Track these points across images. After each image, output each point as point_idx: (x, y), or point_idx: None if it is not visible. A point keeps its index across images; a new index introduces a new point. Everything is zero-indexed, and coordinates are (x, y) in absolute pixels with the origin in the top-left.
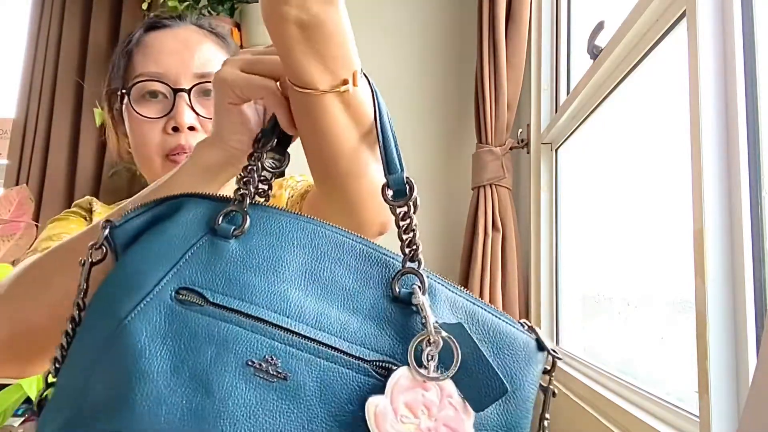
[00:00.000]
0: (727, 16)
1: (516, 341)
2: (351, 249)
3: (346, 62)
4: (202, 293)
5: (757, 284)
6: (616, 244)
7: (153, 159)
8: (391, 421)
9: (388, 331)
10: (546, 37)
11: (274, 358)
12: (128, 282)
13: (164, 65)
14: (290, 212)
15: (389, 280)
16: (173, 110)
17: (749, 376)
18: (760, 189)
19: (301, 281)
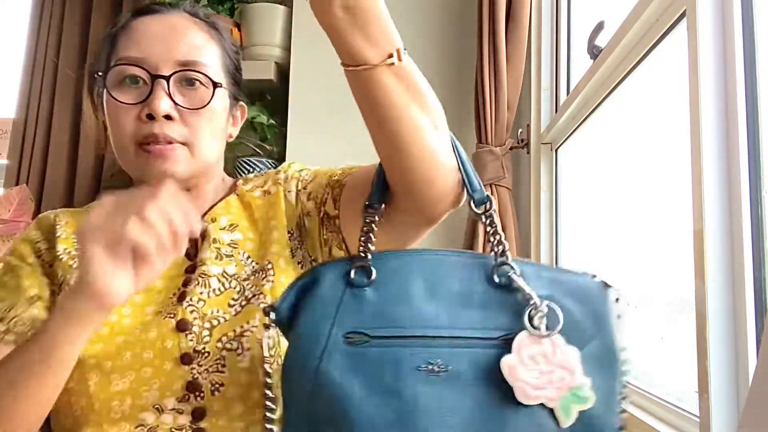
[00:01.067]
0: (727, 16)
1: (589, 287)
2: (453, 262)
3: (389, 38)
4: (364, 332)
5: (757, 284)
6: (616, 244)
7: (126, 147)
8: (520, 369)
9: (501, 311)
10: (546, 37)
11: (434, 359)
12: (307, 343)
13: (146, 50)
14: (400, 251)
15: (489, 275)
16: (149, 97)
17: (749, 376)
18: (760, 189)
19: (427, 299)
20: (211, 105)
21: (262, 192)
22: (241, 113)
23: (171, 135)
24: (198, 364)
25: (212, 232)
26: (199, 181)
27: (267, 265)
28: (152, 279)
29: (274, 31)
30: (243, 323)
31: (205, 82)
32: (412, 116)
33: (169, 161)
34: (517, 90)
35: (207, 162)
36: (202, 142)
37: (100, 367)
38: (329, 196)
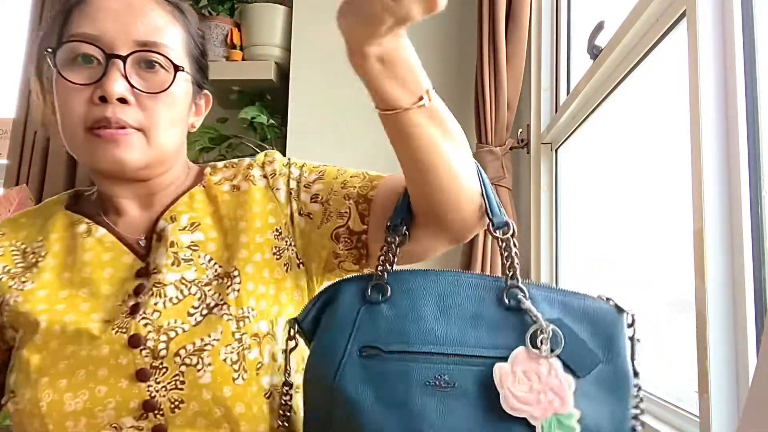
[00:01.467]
0: (727, 16)
1: (602, 311)
2: (466, 283)
3: (420, 82)
4: (378, 347)
5: (757, 284)
6: (616, 244)
7: (75, 132)
8: (510, 380)
9: (509, 331)
10: (546, 37)
11: (442, 375)
12: (326, 353)
13: (101, 27)
14: (415, 271)
15: (499, 297)
16: (103, 77)
17: (749, 376)
18: (760, 189)
19: (438, 317)
20: (171, 90)
21: (230, 186)
22: (206, 102)
23: (125, 119)
24: (155, 381)
25: (170, 234)
26: (155, 171)
27: (233, 271)
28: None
29: (274, 31)
30: (204, 335)
31: (165, 64)
32: (442, 150)
33: (121, 147)
34: (517, 90)
35: (164, 151)
36: (159, 129)
37: (53, 387)
38: (353, 211)
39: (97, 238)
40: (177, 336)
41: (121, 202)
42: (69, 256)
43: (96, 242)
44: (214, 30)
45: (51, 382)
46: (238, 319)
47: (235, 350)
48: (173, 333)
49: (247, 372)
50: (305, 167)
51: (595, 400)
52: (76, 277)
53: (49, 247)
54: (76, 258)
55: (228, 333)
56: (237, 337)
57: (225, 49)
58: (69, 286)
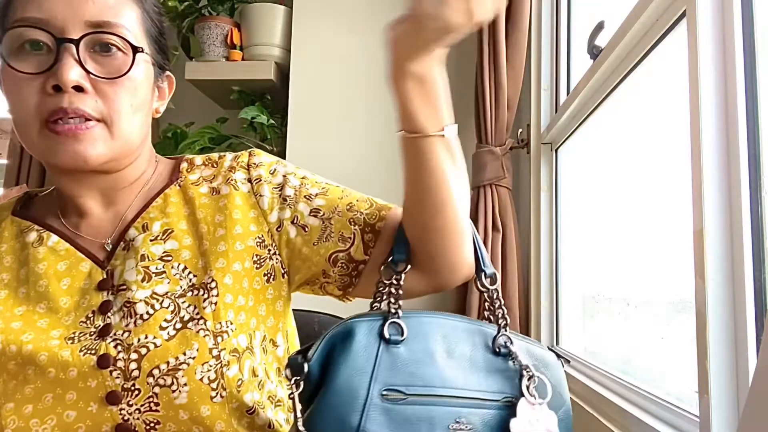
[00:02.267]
0: (727, 16)
1: (552, 359)
2: (463, 328)
3: (446, 111)
4: (400, 390)
5: (757, 284)
6: (616, 243)
7: (29, 125)
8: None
9: (501, 377)
10: (546, 37)
11: (461, 418)
12: (345, 396)
13: (48, 9)
14: (420, 312)
15: (487, 343)
16: (55, 65)
17: (749, 376)
18: (760, 189)
19: (446, 361)
20: (131, 73)
21: (209, 188)
22: (169, 85)
23: (83, 109)
24: (128, 404)
25: (141, 246)
26: (120, 163)
27: (210, 282)
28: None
29: (274, 31)
30: (178, 353)
31: (122, 46)
32: (451, 186)
33: (83, 142)
34: (517, 90)
35: (129, 141)
36: (122, 117)
37: (18, 413)
38: (358, 239)
39: (49, 246)
40: (149, 353)
41: (83, 201)
42: (22, 268)
43: (48, 251)
44: (214, 30)
45: (16, 408)
46: (216, 334)
47: (213, 368)
48: (144, 350)
49: (225, 389)
50: (305, 179)
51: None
52: (31, 291)
53: (0, 262)
54: (29, 270)
55: (204, 350)
56: (215, 354)
57: (225, 49)
58: (26, 302)
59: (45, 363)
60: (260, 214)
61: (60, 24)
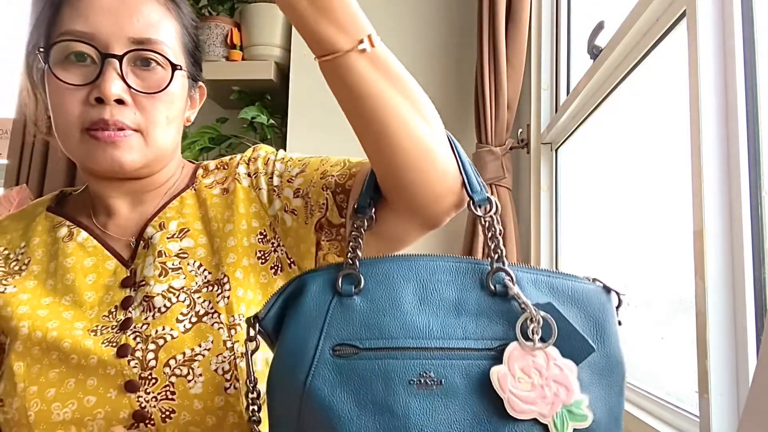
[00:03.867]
0: (727, 16)
1: (590, 293)
2: (445, 268)
3: (357, 24)
4: (353, 344)
5: (757, 284)
6: (616, 244)
7: (71, 133)
8: (511, 381)
9: (497, 320)
10: (546, 37)
11: (427, 372)
12: (294, 354)
13: (94, 24)
14: (389, 257)
15: (483, 281)
16: (99, 78)
17: (749, 376)
18: (760, 189)
19: (419, 307)
20: (169, 89)
21: (221, 189)
22: (200, 94)
23: (123, 121)
24: (145, 392)
25: (158, 243)
26: (152, 169)
27: (222, 278)
28: None
29: (274, 31)
30: (194, 345)
31: (162, 62)
32: (395, 106)
33: (120, 149)
34: (517, 90)
35: (162, 149)
36: (157, 128)
37: (41, 396)
38: (332, 203)
39: (78, 242)
40: (166, 344)
41: (113, 201)
42: (51, 262)
43: (77, 247)
44: (214, 30)
45: (39, 391)
46: (230, 327)
47: (227, 359)
48: (162, 341)
49: (239, 380)
50: (291, 161)
51: (589, 387)
52: (59, 284)
53: (32, 254)
54: (58, 264)
55: (219, 342)
56: (228, 346)
57: (225, 49)
58: (52, 294)
59: (68, 349)
60: (261, 208)
61: (105, 39)
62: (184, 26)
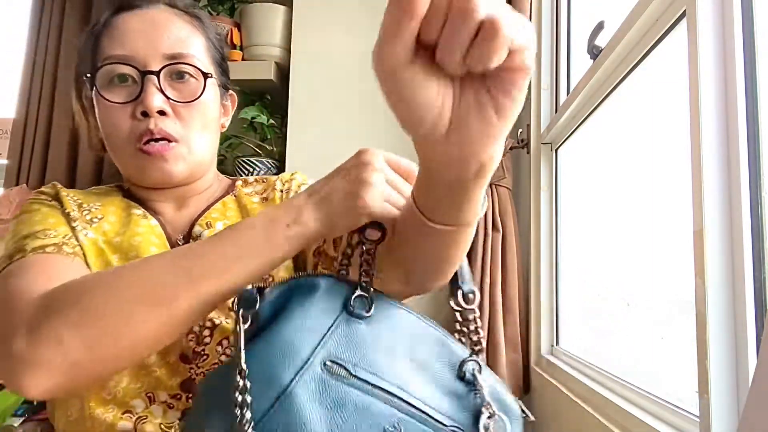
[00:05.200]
0: (727, 16)
1: (514, 410)
2: (435, 337)
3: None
4: (346, 367)
5: (757, 284)
6: (616, 244)
7: (124, 147)
8: None
9: (458, 404)
10: (546, 37)
11: (400, 425)
12: (285, 350)
13: (131, 47)
14: (398, 303)
15: (455, 365)
16: (141, 94)
17: (749, 376)
18: (760, 189)
19: (407, 361)
20: (203, 96)
21: (260, 198)
22: (232, 102)
23: (166, 130)
24: (196, 365)
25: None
26: (195, 175)
27: (267, 277)
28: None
29: (274, 31)
30: None
31: (194, 73)
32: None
33: (168, 162)
34: None
35: (202, 155)
36: (195, 135)
37: None
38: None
39: (150, 224)
40: (220, 325)
41: (159, 205)
42: (122, 227)
43: (148, 226)
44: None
45: None
46: None
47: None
48: (217, 321)
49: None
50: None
51: None
52: (125, 242)
53: (105, 214)
54: (128, 229)
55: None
56: None
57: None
58: (118, 251)
59: None
60: None
61: (142, 59)
62: (209, 39)
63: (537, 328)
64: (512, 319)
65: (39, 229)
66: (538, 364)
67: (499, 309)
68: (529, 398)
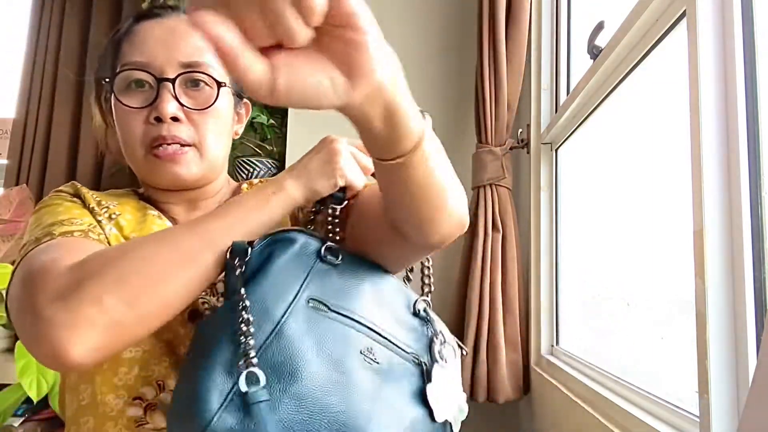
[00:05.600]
0: (727, 16)
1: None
2: (392, 283)
3: (418, 121)
4: (326, 303)
5: (757, 284)
6: (616, 244)
7: (136, 151)
8: (439, 397)
9: (414, 336)
10: (546, 37)
11: (373, 349)
12: (276, 291)
13: (149, 54)
14: (362, 258)
15: (410, 304)
16: (156, 100)
17: (749, 376)
18: (760, 189)
19: (373, 301)
20: (217, 104)
21: None
22: (246, 110)
23: (179, 136)
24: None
25: None
26: (207, 179)
27: None
28: None
29: None
30: None
31: (209, 82)
32: (439, 181)
33: (179, 165)
34: (517, 90)
35: (215, 161)
36: (209, 141)
37: None
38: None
39: (165, 225)
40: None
41: (170, 207)
42: (138, 224)
43: (163, 227)
44: None
45: None
46: None
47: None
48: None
49: None
50: None
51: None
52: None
53: (122, 212)
54: (144, 226)
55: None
56: None
57: None
58: None
59: None
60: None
61: (159, 66)
62: None
63: (537, 328)
64: (512, 319)
65: (65, 218)
66: (538, 364)
67: (499, 309)
68: (529, 398)
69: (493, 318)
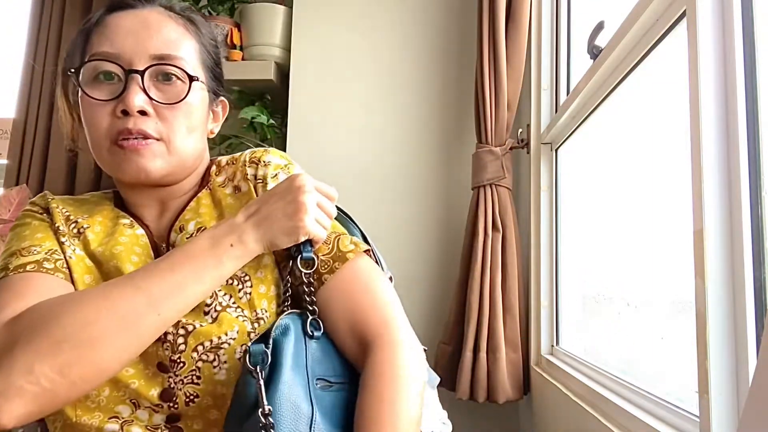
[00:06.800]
0: (727, 16)
1: None
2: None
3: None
4: (328, 379)
5: (757, 284)
6: (616, 244)
7: (101, 144)
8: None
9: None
10: (546, 37)
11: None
12: (294, 386)
13: (119, 45)
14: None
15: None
16: (124, 92)
17: (749, 376)
18: (760, 189)
19: (337, 354)
20: (188, 100)
21: (232, 188)
22: (223, 109)
23: (145, 130)
24: (174, 374)
25: (180, 244)
26: (176, 177)
27: (243, 276)
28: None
29: (274, 31)
30: (220, 334)
31: (181, 76)
32: None
33: (144, 157)
34: (517, 90)
35: (184, 157)
36: (178, 138)
37: None
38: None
39: (136, 233)
40: (194, 330)
41: (143, 210)
42: (106, 237)
43: (133, 236)
44: (214, 30)
45: None
46: (253, 320)
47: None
48: (191, 327)
49: None
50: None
51: None
52: (106, 251)
53: (92, 224)
54: (111, 239)
55: (244, 333)
56: (252, 337)
57: (225, 49)
58: (99, 261)
59: None
60: None
61: (129, 57)
62: (202, 44)
63: (537, 328)
64: (512, 319)
65: (25, 245)
66: (538, 364)
67: (499, 309)
68: (529, 398)
69: (493, 318)
